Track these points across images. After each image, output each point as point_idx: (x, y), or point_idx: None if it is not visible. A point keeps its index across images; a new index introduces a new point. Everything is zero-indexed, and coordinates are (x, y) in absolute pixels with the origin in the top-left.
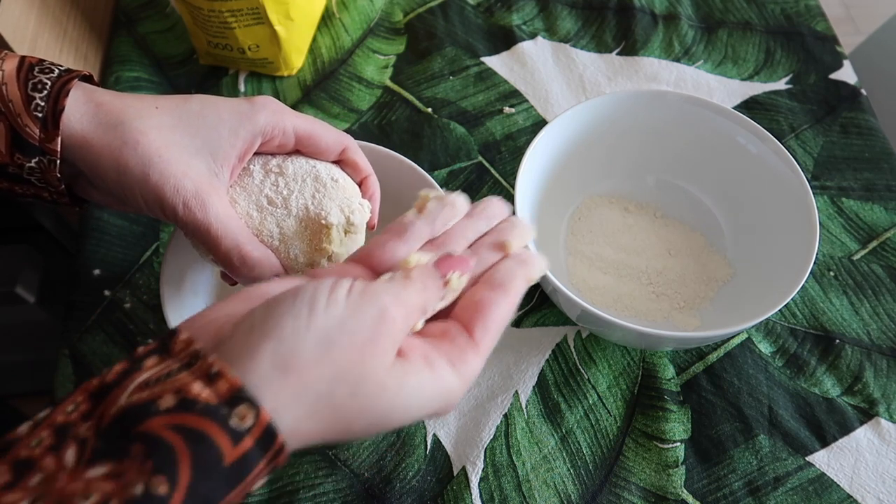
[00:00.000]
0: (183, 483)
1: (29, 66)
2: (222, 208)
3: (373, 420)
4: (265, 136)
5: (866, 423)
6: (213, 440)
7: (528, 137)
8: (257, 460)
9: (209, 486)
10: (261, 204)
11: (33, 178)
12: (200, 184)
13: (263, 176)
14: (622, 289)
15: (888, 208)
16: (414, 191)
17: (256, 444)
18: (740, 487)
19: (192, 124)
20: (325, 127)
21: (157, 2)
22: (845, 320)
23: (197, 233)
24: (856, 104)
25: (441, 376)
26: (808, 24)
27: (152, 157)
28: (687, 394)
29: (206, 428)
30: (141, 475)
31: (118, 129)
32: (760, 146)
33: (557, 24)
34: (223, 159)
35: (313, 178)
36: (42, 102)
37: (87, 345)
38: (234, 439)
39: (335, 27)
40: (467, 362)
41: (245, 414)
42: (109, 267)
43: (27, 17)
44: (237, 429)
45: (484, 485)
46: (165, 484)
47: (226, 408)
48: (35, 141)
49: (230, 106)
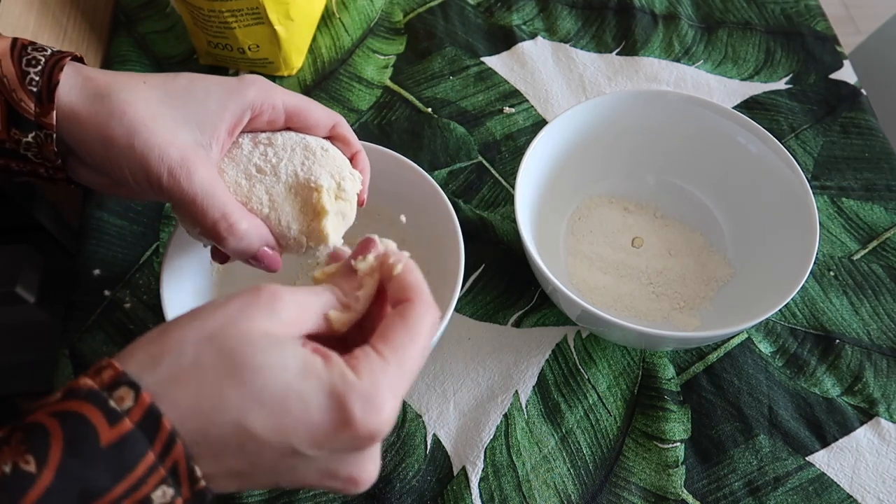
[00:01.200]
0: (53, 461)
1: (22, 46)
2: (208, 177)
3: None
4: (254, 111)
5: (866, 423)
6: (87, 419)
7: (528, 137)
8: (142, 446)
9: (86, 469)
10: (249, 172)
11: (30, 154)
12: (186, 153)
13: (252, 147)
14: (622, 289)
15: (888, 208)
16: (414, 191)
17: (138, 427)
18: (740, 487)
19: (180, 97)
20: (315, 104)
21: (157, 2)
22: (845, 320)
23: (182, 203)
24: (856, 104)
25: (332, 368)
26: (808, 24)
27: (138, 127)
28: (687, 394)
29: (83, 409)
30: (12, 456)
31: (105, 100)
32: (760, 146)
33: (557, 24)
34: (211, 132)
35: (303, 148)
36: (37, 77)
37: (87, 345)
38: (111, 419)
39: (335, 27)
40: (372, 370)
41: (124, 395)
42: (109, 267)
43: (27, 17)
44: (115, 409)
45: (484, 485)
46: (33, 461)
47: (105, 392)
48: (31, 115)
49: (219, 81)
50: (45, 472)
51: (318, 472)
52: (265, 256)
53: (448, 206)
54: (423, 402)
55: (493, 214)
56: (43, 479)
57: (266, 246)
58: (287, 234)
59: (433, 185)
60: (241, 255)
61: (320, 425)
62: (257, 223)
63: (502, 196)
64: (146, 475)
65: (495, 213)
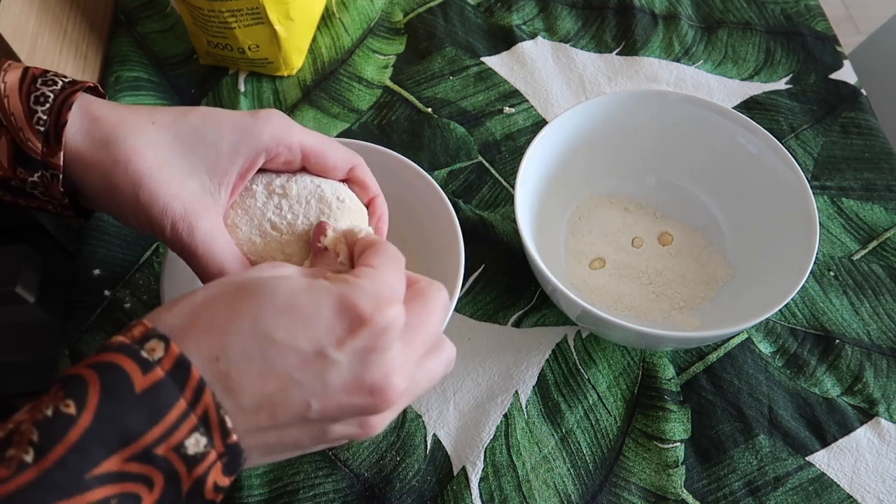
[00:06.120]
0: (92, 404)
1: (32, 78)
2: (210, 232)
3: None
4: (269, 153)
5: (866, 423)
6: (121, 367)
7: (528, 137)
8: (174, 393)
9: (122, 412)
10: (264, 230)
11: (37, 192)
12: (191, 205)
13: (266, 198)
14: (622, 289)
15: (888, 208)
16: (414, 191)
17: (169, 375)
18: (740, 487)
19: (189, 141)
20: (333, 144)
21: (157, 2)
22: (845, 320)
23: (183, 255)
24: (856, 104)
25: (336, 278)
26: (808, 24)
27: (143, 177)
28: (687, 394)
29: (117, 360)
30: (52, 401)
31: (111, 147)
32: (760, 146)
33: (557, 24)
34: (221, 177)
35: (318, 199)
36: (44, 116)
37: (87, 345)
38: (143, 368)
39: (335, 27)
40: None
41: (155, 347)
42: (109, 267)
43: (27, 16)
44: (148, 359)
45: (484, 485)
46: (73, 405)
47: (137, 344)
48: (37, 155)
49: (232, 120)
50: (85, 414)
51: (345, 387)
52: None
53: (448, 206)
54: (423, 402)
55: (493, 214)
56: (83, 420)
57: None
58: None
59: (433, 185)
60: None
61: (334, 324)
62: None
63: (502, 196)
64: (179, 420)
65: (495, 213)
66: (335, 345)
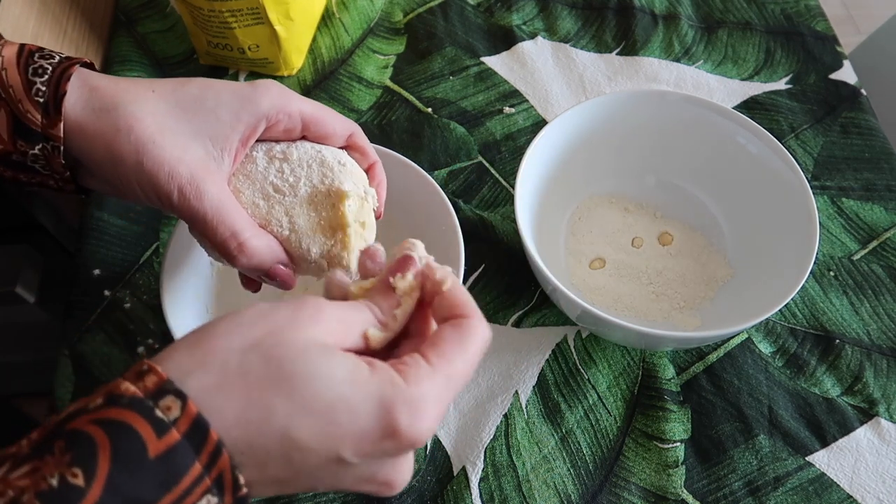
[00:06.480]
0: (101, 474)
1: (29, 53)
2: (218, 195)
3: (295, 398)
4: (269, 121)
5: (866, 423)
6: (135, 430)
7: (528, 137)
8: (189, 457)
9: (134, 481)
10: (267, 192)
11: (38, 166)
12: (196, 169)
13: (267, 163)
14: (622, 289)
15: (888, 208)
16: (414, 191)
17: (185, 438)
18: (740, 487)
19: (190, 108)
20: (331, 112)
21: (157, 2)
22: (845, 320)
23: (193, 221)
24: (856, 104)
25: (380, 375)
26: (808, 24)
27: (146, 144)
28: (687, 394)
29: (129, 419)
30: (58, 467)
31: (111, 114)
32: (760, 146)
33: (557, 24)
34: (223, 143)
35: (319, 163)
36: (43, 87)
37: (87, 345)
38: (158, 431)
39: (335, 27)
40: (419, 378)
41: (171, 405)
42: (109, 267)
43: (27, 16)
44: (163, 420)
45: (484, 485)
46: (81, 475)
47: (151, 400)
48: (37, 127)
49: (232, 89)
50: (94, 487)
51: (357, 478)
52: (278, 273)
53: (448, 206)
54: None
55: (493, 214)
56: (92, 493)
57: (279, 263)
58: (308, 258)
59: (433, 185)
60: (253, 273)
61: (367, 433)
62: (268, 240)
63: (502, 196)
64: (192, 486)
65: (495, 213)
66: (361, 453)
